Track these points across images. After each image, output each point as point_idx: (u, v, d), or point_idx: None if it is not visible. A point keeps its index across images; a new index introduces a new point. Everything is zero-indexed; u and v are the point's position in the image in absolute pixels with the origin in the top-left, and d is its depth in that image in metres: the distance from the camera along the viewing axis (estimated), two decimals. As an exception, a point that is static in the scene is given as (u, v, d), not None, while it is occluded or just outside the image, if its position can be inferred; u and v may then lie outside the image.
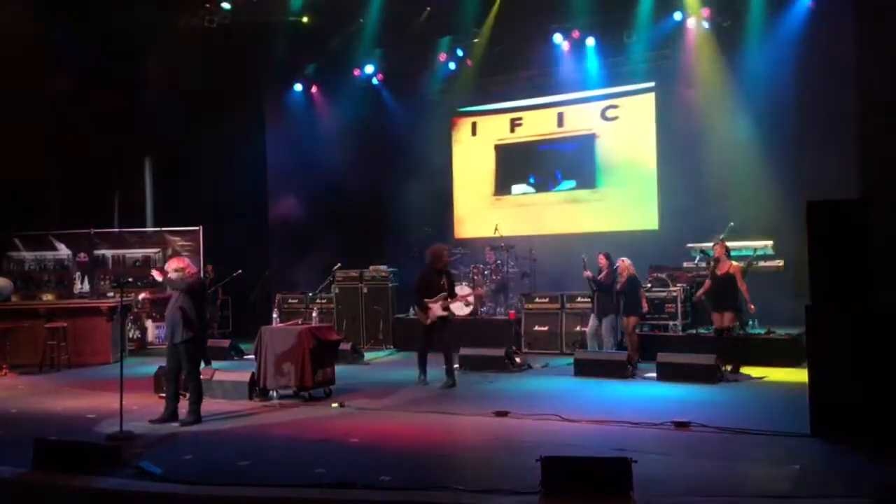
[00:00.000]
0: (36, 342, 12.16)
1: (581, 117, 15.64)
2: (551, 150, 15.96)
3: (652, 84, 14.87)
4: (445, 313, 9.92)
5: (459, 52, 15.76)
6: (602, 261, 10.88)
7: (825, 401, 6.44)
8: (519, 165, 16.37)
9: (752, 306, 10.06)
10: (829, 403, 6.41)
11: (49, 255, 14.76)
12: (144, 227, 15.15)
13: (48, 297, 14.25)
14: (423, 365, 9.95)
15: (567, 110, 15.79)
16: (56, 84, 14.89)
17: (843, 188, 10.73)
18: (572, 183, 15.74)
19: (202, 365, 8.57)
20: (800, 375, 8.64)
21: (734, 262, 10.17)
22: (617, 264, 10.82)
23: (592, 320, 11.00)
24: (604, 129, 15.38)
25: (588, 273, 10.77)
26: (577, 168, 15.61)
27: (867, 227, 6.47)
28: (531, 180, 16.28)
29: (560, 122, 15.87)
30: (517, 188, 16.37)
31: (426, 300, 9.87)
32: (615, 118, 15.30)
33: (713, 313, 10.12)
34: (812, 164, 12.14)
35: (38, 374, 11.68)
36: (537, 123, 16.07)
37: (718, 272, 9.98)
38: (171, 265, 7.98)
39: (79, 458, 5.96)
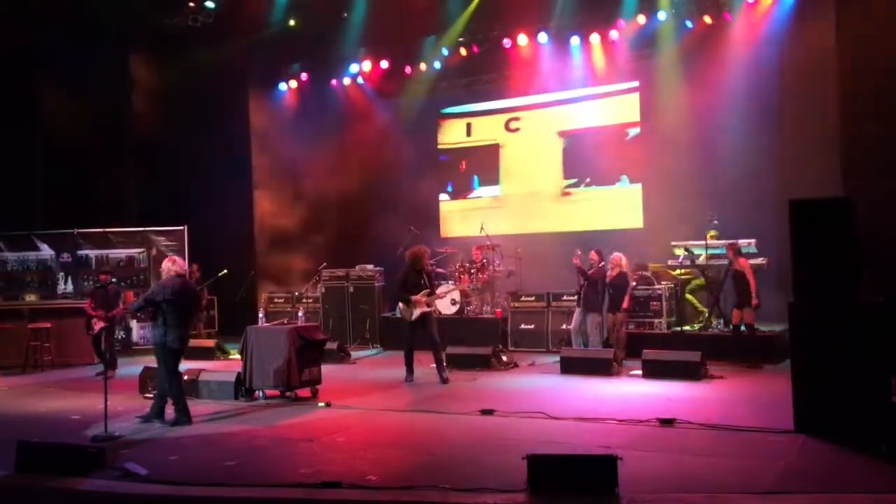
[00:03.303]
0: (19, 343, 12.07)
1: (568, 117, 15.72)
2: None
3: (636, 84, 14.95)
4: (429, 309, 9.96)
5: (444, 52, 15.77)
6: (594, 257, 10.94)
7: (809, 397, 6.50)
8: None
9: (756, 301, 10.30)
10: (813, 399, 6.47)
11: (32, 255, 14.60)
12: (128, 226, 15.03)
13: (31, 297, 14.13)
14: (409, 364, 9.98)
15: (556, 110, 15.85)
16: (38, 83, 14.77)
17: (826, 187, 10.81)
18: (487, 188, 16.04)
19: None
20: (783, 372, 8.71)
21: (742, 259, 10.57)
22: (610, 258, 10.87)
23: (577, 315, 11.03)
24: (590, 129, 15.44)
25: (577, 261, 10.78)
26: (577, 166, 15.68)
27: (848, 225, 6.54)
28: (448, 188, 16.86)
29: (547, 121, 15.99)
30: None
31: (411, 295, 9.93)
32: (600, 117, 15.37)
33: (734, 310, 10.61)
34: (795, 163, 12.23)
35: (22, 374, 11.59)
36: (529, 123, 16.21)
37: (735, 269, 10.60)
38: (165, 264, 7.96)
39: (63, 460, 5.91)
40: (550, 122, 15.85)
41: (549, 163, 15.83)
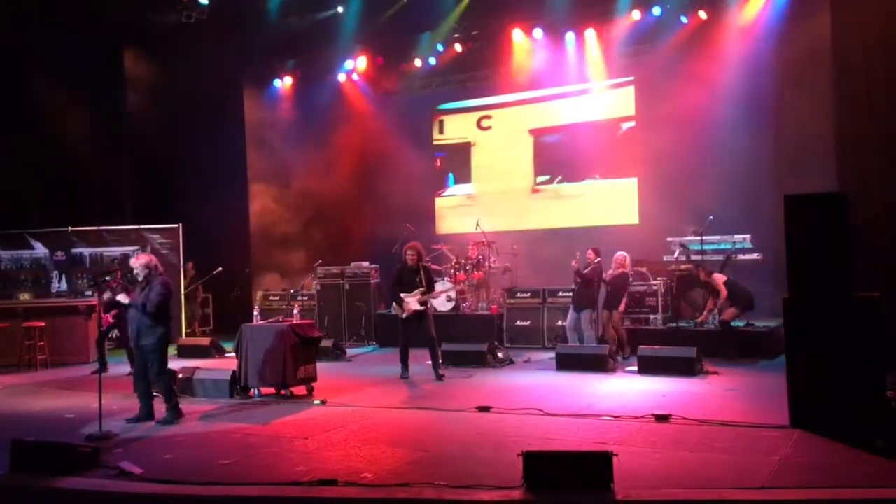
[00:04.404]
0: (13, 342, 12.01)
1: (560, 112, 15.72)
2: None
3: (632, 78, 14.96)
4: (421, 308, 9.93)
5: (440, 48, 15.75)
6: (590, 255, 10.95)
7: (804, 392, 6.51)
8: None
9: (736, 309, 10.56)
10: (808, 395, 6.47)
11: (26, 253, 14.55)
12: (123, 224, 14.98)
13: (25, 296, 14.09)
14: (405, 361, 9.97)
15: (550, 105, 15.88)
16: (33, 81, 14.71)
17: (822, 182, 10.82)
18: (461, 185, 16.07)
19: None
20: (779, 367, 8.72)
21: (714, 276, 10.87)
22: (615, 257, 10.91)
23: (571, 313, 11.06)
24: (584, 124, 15.44)
25: (575, 264, 10.79)
26: (561, 162, 15.66)
27: (843, 220, 6.53)
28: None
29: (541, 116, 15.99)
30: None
31: (402, 294, 9.89)
32: (596, 112, 15.37)
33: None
34: (791, 158, 12.24)
35: (16, 373, 11.54)
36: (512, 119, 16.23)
37: None
38: (140, 261, 7.84)
39: (57, 459, 5.89)
40: (527, 119, 15.92)
41: (524, 160, 15.93)
